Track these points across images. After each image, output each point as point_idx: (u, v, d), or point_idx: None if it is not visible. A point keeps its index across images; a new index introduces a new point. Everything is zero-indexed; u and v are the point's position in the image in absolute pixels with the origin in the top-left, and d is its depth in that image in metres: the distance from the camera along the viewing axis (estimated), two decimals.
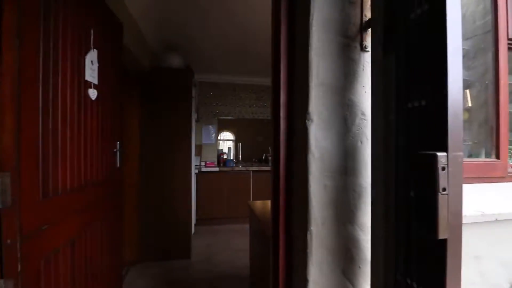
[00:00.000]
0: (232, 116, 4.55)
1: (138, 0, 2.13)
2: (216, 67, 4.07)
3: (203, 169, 3.90)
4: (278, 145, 0.91)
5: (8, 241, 0.76)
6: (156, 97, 2.83)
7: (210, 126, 4.44)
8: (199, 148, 4.31)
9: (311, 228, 0.78)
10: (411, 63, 0.59)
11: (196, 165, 3.87)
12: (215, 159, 4.43)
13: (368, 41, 0.80)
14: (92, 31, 1.26)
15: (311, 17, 0.78)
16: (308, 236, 0.78)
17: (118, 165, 1.65)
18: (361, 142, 0.82)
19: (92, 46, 1.27)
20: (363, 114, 0.82)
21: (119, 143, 1.66)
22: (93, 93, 1.27)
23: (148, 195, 2.81)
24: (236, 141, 8.89)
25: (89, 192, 1.26)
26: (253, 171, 4.12)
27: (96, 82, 1.31)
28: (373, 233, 0.70)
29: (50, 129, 0.95)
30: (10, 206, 0.77)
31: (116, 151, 1.62)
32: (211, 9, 2.50)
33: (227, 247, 3.22)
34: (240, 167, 4.06)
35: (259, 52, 3.52)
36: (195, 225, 3.74)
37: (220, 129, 5.53)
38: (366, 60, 0.82)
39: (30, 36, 0.84)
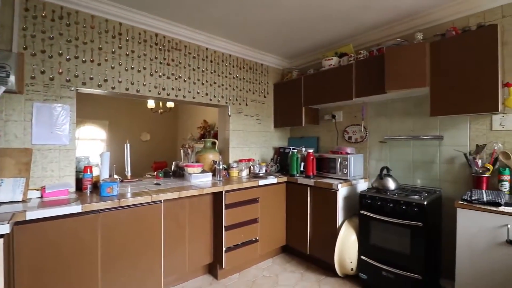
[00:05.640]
0: (113, 89, 2.23)
1: None
2: None
3: (33, 213, 1.48)
4: None
5: None
6: None
7: (57, 105, 1.97)
8: (22, 155, 1.78)
9: None
10: None
11: (10, 202, 1.42)
12: (72, 181, 2.01)
13: None
14: None
15: None
16: None
17: None
18: None
19: None
20: None
21: None
22: None
23: None
24: (109, 141, 5.90)
25: None
26: (165, 201, 2.06)
27: None
28: None
29: None
30: None
31: None
32: None
33: None
34: (138, 197, 1.89)
35: None
36: None
37: (83, 117, 3.09)
38: None
39: None
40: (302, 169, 2.97)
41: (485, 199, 1.62)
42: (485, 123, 2.07)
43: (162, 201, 1.98)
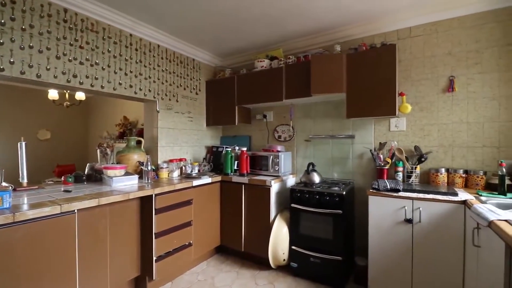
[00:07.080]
0: (2, 71, 1.73)
1: None
2: None
3: None
4: None
5: None
6: None
7: None
8: None
9: None
10: None
11: None
12: None
13: None
14: None
15: None
16: None
17: None
18: None
19: None
20: None
21: None
22: None
23: None
24: None
25: None
26: (80, 210, 1.72)
27: None
28: None
29: None
30: None
31: None
32: None
33: None
34: (42, 209, 1.52)
35: None
36: None
37: None
38: None
39: None
40: (236, 167, 2.98)
41: (388, 186, 1.98)
42: (385, 124, 2.53)
43: (76, 211, 1.65)
